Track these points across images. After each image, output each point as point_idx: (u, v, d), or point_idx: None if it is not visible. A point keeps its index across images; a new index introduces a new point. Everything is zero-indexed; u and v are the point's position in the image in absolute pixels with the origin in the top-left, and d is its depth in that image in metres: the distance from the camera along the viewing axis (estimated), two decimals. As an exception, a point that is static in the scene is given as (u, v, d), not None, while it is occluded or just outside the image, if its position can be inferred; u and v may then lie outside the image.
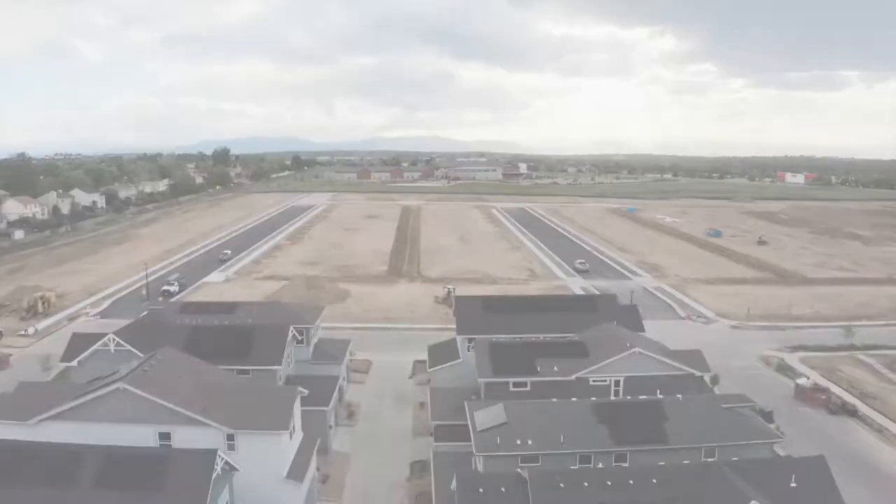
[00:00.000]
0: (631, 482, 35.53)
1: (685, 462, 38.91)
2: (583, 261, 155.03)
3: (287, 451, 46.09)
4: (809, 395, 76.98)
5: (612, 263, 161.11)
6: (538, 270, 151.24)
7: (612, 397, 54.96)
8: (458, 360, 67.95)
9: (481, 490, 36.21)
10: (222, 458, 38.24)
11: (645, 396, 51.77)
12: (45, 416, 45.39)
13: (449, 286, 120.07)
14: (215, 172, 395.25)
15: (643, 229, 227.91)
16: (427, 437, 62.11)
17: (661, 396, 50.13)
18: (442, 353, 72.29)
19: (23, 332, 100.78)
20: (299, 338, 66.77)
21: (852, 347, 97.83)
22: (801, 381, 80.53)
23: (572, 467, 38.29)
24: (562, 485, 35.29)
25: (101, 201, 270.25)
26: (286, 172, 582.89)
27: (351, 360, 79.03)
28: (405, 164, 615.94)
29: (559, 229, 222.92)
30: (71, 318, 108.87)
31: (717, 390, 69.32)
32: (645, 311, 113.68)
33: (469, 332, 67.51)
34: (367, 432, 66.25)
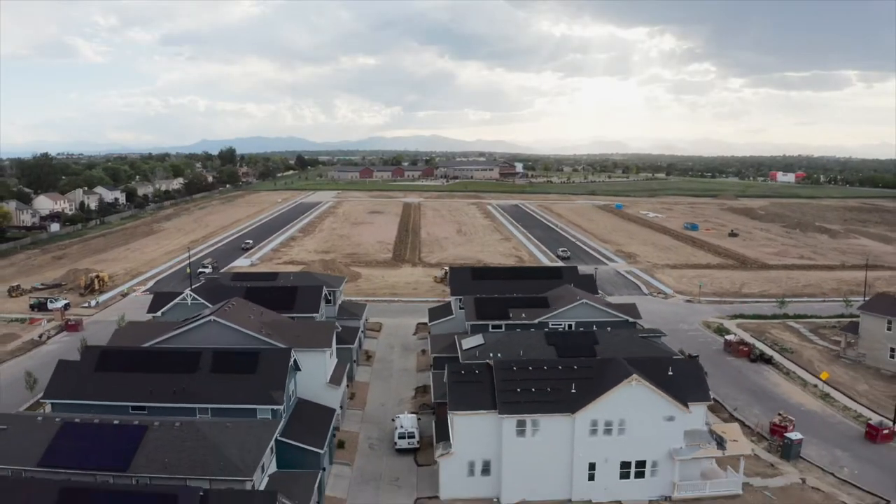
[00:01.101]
0: (560, 367, 54.22)
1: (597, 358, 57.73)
2: (565, 249, 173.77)
3: (328, 365, 64.85)
4: (735, 348, 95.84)
5: (591, 252, 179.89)
6: (525, 257, 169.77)
7: (565, 335, 73.69)
8: (452, 316, 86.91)
9: (463, 372, 54.94)
10: (293, 356, 56.88)
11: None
12: (155, 341, 63.96)
13: (446, 268, 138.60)
14: (225, 171, 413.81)
15: (625, 223, 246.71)
16: (427, 371, 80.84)
17: (594, 329, 68.86)
18: (439, 312, 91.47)
19: (86, 305, 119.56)
20: (329, 298, 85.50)
21: (784, 316, 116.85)
22: (730, 337, 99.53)
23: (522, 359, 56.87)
24: (514, 368, 54.04)
25: (121, 198, 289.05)
26: (290, 172, 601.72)
27: (366, 321, 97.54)
28: (405, 164, 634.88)
29: (548, 223, 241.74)
30: (123, 294, 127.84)
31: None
32: (614, 288, 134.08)
33: (460, 294, 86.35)
34: (381, 369, 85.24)
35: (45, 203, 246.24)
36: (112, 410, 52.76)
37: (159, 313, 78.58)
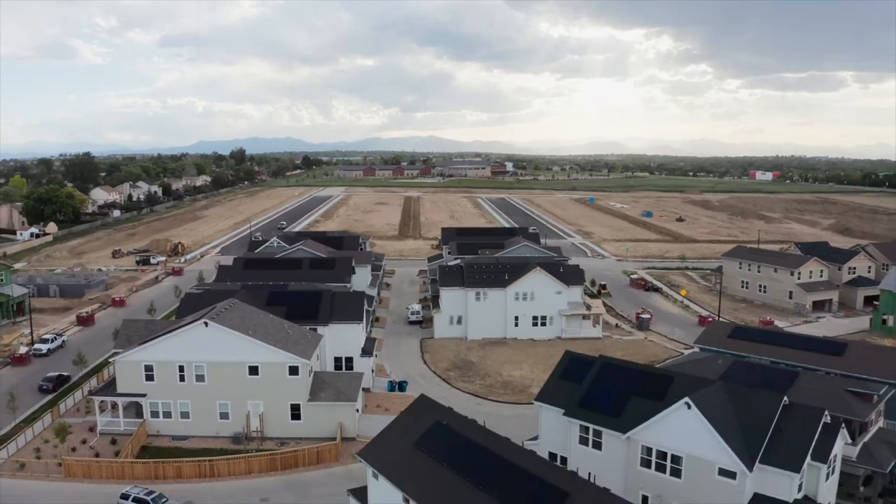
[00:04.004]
0: (500, 266, 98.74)
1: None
2: (535, 228, 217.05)
3: (368, 276, 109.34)
4: (635, 282, 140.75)
5: (557, 231, 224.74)
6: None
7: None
8: (443, 259, 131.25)
9: (447, 269, 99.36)
10: (353, 262, 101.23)
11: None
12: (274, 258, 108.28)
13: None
14: (242, 169, 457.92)
15: (592, 212, 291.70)
16: (426, 293, 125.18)
17: (527, 256, 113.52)
18: (434, 258, 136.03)
19: (177, 262, 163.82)
20: (362, 245, 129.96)
21: (685, 268, 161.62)
22: (634, 276, 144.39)
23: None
24: (475, 266, 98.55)
25: (159, 191, 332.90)
26: (298, 171, 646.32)
27: (385, 265, 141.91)
28: (405, 164, 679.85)
29: (527, 211, 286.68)
30: (202, 256, 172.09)
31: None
32: (567, 253, 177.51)
33: (447, 243, 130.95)
34: (396, 291, 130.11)
35: (100, 194, 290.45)
36: (259, 287, 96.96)
37: (256, 251, 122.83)
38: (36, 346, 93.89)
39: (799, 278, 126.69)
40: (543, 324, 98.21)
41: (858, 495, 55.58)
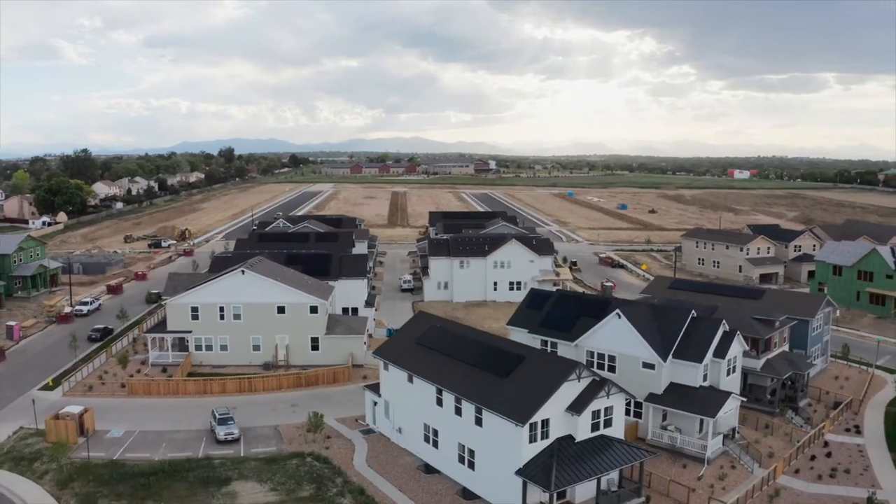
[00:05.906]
0: (481, 239, 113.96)
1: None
2: (514, 216, 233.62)
3: (365, 250, 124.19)
4: (603, 260, 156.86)
5: (536, 221, 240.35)
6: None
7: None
8: (431, 238, 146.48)
9: (436, 242, 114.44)
10: (353, 236, 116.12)
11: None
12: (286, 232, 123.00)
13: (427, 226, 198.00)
14: (233, 166, 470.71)
15: (571, 205, 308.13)
16: (416, 268, 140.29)
17: (505, 233, 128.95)
18: (422, 239, 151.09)
19: (185, 245, 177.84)
20: (358, 225, 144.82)
21: (650, 249, 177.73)
22: (602, 255, 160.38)
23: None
24: (459, 239, 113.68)
25: (155, 186, 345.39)
26: (286, 169, 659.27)
27: (377, 247, 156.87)
28: (391, 162, 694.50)
29: (508, 204, 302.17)
30: (207, 240, 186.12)
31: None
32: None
33: (435, 224, 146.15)
34: (389, 267, 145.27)
35: (101, 188, 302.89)
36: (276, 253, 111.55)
37: (265, 230, 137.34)
38: (77, 307, 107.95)
39: (747, 254, 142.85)
40: (519, 288, 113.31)
41: (765, 401, 71.27)
